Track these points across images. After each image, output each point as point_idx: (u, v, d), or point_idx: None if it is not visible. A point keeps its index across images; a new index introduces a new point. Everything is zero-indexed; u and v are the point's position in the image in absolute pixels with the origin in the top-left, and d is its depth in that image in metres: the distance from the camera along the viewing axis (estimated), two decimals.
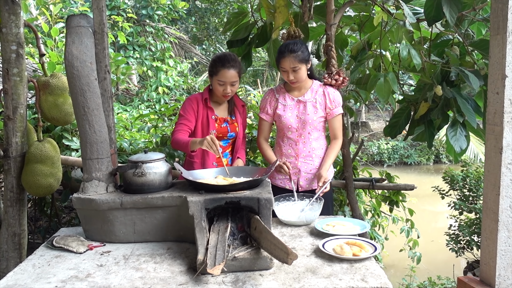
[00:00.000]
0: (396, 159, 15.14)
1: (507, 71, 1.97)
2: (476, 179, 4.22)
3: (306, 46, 2.88)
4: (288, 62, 2.77)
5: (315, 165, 2.94)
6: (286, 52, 2.77)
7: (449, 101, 3.14)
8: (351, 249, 1.99)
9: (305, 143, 2.92)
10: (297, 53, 2.76)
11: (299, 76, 2.81)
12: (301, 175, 2.94)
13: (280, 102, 2.94)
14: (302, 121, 2.89)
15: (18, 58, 2.84)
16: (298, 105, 2.91)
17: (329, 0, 3.08)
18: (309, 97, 2.91)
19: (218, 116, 2.93)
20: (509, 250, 2.06)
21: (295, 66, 2.77)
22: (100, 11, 2.40)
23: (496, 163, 2.05)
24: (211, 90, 2.94)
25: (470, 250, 4.23)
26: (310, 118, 2.87)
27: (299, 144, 2.92)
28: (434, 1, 2.95)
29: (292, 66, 2.77)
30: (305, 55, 2.80)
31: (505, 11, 1.95)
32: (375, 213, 4.46)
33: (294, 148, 2.94)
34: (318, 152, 2.95)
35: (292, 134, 2.93)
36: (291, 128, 2.91)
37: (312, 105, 2.89)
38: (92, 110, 2.21)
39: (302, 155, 2.93)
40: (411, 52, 3.01)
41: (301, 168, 2.94)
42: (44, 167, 2.87)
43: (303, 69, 2.81)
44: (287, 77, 2.82)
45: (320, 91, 2.92)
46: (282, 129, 2.96)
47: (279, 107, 2.93)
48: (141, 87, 10.22)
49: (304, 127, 2.90)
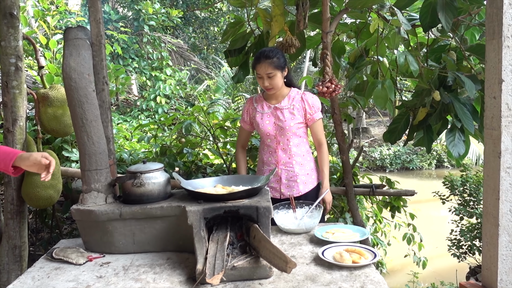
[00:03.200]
0: (398, 165, 15.14)
1: (504, 76, 1.97)
2: (476, 183, 4.22)
3: (283, 54, 2.91)
4: (263, 68, 2.79)
5: (295, 172, 2.93)
6: (261, 58, 2.80)
7: (447, 106, 3.14)
8: (351, 256, 1.98)
9: (285, 150, 2.92)
10: (272, 59, 2.78)
11: (275, 83, 2.82)
12: (282, 182, 2.95)
13: (257, 110, 2.97)
14: (279, 128, 2.89)
15: (17, 71, 2.86)
16: (275, 112, 2.92)
17: (324, 8, 3.09)
18: (286, 103, 2.91)
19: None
20: (510, 254, 2.06)
21: (270, 72, 2.78)
22: (98, 23, 2.42)
23: (495, 168, 2.05)
24: None
25: (472, 255, 4.22)
26: (287, 124, 2.87)
27: (278, 151, 2.94)
28: (430, 7, 2.97)
29: (267, 72, 2.78)
30: (281, 62, 2.81)
31: (500, 16, 1.96)
32: (377, 219, 4.45)
33: (274, 156, 2.96)
34: (298, 159, 2.93)
35: (271, 142, 2.94)
36: (270, 135, 2.92)
37: (289, 111, 2.89)
38: (90, 121, 2.22)
39: (282, 162, 2.93)
40: (408, 58, 3.03)
41: (282, 176, 2.94)
42: None
43: (279, 75, 2.82)
44: (262, 83, 2.84)
45: (298, 98, 2.92)
46: (262, 137, 3.00)
47: (257, 115, 2.96)
48: (140, 96, 10.27)
49: (282, 134, 2.90)
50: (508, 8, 1.93)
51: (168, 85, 9.80)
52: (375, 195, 3.93)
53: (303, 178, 2.96)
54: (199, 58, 14.47)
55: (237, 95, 9.76)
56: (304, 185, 2.96)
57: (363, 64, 3.60)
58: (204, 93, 11.05)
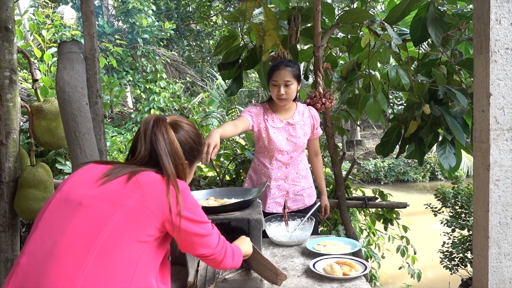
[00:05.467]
0: (392, 177, 15.18)
1: (491, 90, 2.01)
2: (467, 195, 4.25)
3: (300, 67, 2.90)
4: (282, 74, 2.71)
5: (301, 186, 2.94)
6: (281, 65, 2.74)
7: (438, 119, 3.18)
8: (342, 268, 1.99)
9: (294, 165, 2.90)
10: (292, 68, 2.73)
11: (290, 92, 2.74)
12: (289, 197, 2.92)
13: (269, 123, 2.82)
14: (293, 144, 2.84)
15: (11, 84, 2.87)
16: (287, 128, 2.84)
17: (316, 23, 3.14)
18: (298, 119, 2.87)
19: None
20: (500, 266, 2.07)
21: (288, 80, 2.70)
22: (92, 37, 2.45)
23: (484, 180, 2.07)
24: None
25: (464, 267, 4.23)
26: (301, 141, 2.85)
27: (289, 167, 2.88)
28: (420, 22, 3.02)
29: (285, 79, 2.70)
30: (299, 72, 2.79)
31: (487, 31, 2.00)
32: (370, 232, 4.46)
33: (283, 171, 2.88)
34: (303, 173, 2.95)
35: (283, 157, 2.86)
36: (283, 151, 2.84)
37: (301, 127, 2.86)
38: (83, 134, 2.24)
39: (290, 177, 2.90)
40: (399, 72, 3.07)
41: (289, 190, 2.91)
42: (37, 192, 2.87)
43: (295, 86, 2.76)
44: (277, 91, 2.72)
45: (307, 113, 2.91)
46: (271, 151, 2.84)
47: (269, 128, 2.81)
48: (135, 109, 10.29)
49: (295, 150, 2.86)
50: (495, 23, 1.97)
51: (162, 97, 9.83)
52: (368, 207, 3.95)
53: (308, 191, 2.99)
54: (194, 71, 14.53)
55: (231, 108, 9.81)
56: (309, 198, 2.99)
57: (355, 78, 3.64)
58: (198, 105, 11.09)
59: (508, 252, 2.05)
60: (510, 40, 1.97)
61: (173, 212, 1.36)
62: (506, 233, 2.04)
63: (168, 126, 1.50)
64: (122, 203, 1.33)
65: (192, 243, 1.46)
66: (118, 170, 1.41)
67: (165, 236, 1.43)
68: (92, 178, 1.41)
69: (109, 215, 1.31)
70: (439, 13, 2.96)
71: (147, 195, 1.35)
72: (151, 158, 1.47)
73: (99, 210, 1.32)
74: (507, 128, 2.00)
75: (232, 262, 1.61)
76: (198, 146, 1.62)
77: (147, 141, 1.47)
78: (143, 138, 1.48)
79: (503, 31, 1.96)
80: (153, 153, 1.46)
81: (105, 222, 1.30)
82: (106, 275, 1.25)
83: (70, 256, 1.25)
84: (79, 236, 1.28)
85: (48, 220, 1.36)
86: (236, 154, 4.16)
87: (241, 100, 15.13)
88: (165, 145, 1.46)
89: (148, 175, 1.40)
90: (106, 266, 1.26)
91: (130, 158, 1.54)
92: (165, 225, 1.37)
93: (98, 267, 1.25)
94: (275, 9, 3.52)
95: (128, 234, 1.30)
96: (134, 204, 1.33)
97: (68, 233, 1.29)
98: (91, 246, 1.26)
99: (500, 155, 2.01)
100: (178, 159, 1.48)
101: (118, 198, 1.34)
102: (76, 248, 1.27)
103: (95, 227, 1.29)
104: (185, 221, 1.40)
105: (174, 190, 1.38)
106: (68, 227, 1.30)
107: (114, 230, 1.29)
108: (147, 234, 1.33)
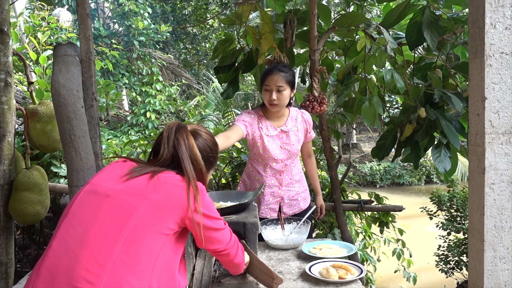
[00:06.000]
0: (388, 180, 15.21)
1: (487, 93, 2.01)
2: (462, 199, 4.26)
3: (294, 73, 2.85)
4: (275, 79, 2.67)
5: (296, 191, 2.94)
6: (274, 70, 2.70)
7: (433, 123, 3.18)
8: (337, 272, 1.99)
9: (288, 171, 2.90)
10: (286, 73, 2.69)
11: (282, 98, 2.70)
12: (284, 202, 2.92)
13: (263, 132, 2.79)
14: (287, 152, 2.82)
15: (6, 86, 2.86)
16: (281, 135, 2.83)
17: (311, 27, 3.14)
18: (291, 126, 2.85)
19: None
20: (495, 270, 2.07)
21: (281, 86, 2.66)
22: (87, 40, 2.44)
23: (479, 184, 2.08)
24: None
25: (460, 270, 4.24)
26: (295, 148, 2.84)
27: (283, 174, 2.88)
28: (415, 26, 3.03)
29: (278, 84, 2.66)
30: (293, 79, 2.76)
31: (482, 35, 2.01)
32: (366, 235, 4.46)
33: (278, 178, 2.88)
34: (297, 177, 2.96)
35: (277, 165, 2.84)
36: (277, 160, 2.82)
37: (294, 134, 2.85)
38: (79, 137, 2.23)
39: (284, 183, 2.90)
40: (394, 75, 3.07)
41: (284, 196, 2.91)
42: (32, 195, 2.86)
43: (287, 92, 2.72)
44: (269, 96, 2.69)
45: (300, 118, 2.90)
46: (265, 159, 2.83)
47: (264, 137, 2.79)
48: (130, 112, 10.27)
49: (289, 158, 2.85)
50: (489, 28, 1.98)
51: (158, 100, 9.82)
52: (364, 210, 3.95)
53: (303, 194, 2.99)
54: (190, 74, 14.54)
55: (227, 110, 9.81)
56: (304, 202, 3.00)
57: (351, 81, 3.64)
58: (194, 108, 11.08)
59: (504, 255, 2.05)
60: (505, 44, 1.98)
61: (192, 208, 1.49)
62: (502, 237, 2.04)
63: (189, 133, 1.64)
64: (147, 197, 1.45)
65: (208, 238, 1.57)
66: (141, 169, 1.55)
67: (182, 232, 1.55)
68: (118, 174, 1.54)
69: (135, 207, 1.43)
70: (435, 17, 2.97)
71: (169, 192, 1.49)
72: (173, 160, 1.59)
73: (126, 203, 1.45)
74: (502, 131, 2.01)
75: (243, 258, 1.76)
76: (215, 154, 1.77)
77: (170, 145, 1.60)
78: (166, 142, 1.61)
79: (498, 35, 1.97)
80: (175, 156, 1.59)
81: (131, 213, 1.42)
82: (132, 261, 1.37)
83: (100, 243, 1.37)
84: (108, 225, 1.41)
85: (77, 210, 1.49)
86: (232, 157, 4.16)
87: (237, 103, 15.14)
88: (186, 150, 1.59)
89: (170, 175, 1.54)
90: (132, 253, 1.38)
91: (152, 158, 1.67)
92: (185, 220, 1.50)
93: (125, 254, 1.37)
94: (272, 12, 3.53)
95: (152, 225, 1.42)
96: (158, 198, 1.46)
97: (98, 222, 1.41)
98: (119, 235, 1.39)
99: (495, 158, 2.02)
100: (197, 164, 1.61)
101: (143, 193, 1.47)
102: (105, 236, 1.39)
103: (123, 217, 1.42)
104: (202, 217, 1.52)
105: (193, 189, 1.51)
106: (98, 216, 1.43)
107: (140, 220, 1.41)
108: (168, 227, 1.45)
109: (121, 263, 1.35)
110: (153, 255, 1.41)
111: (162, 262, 1.44)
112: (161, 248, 1.44)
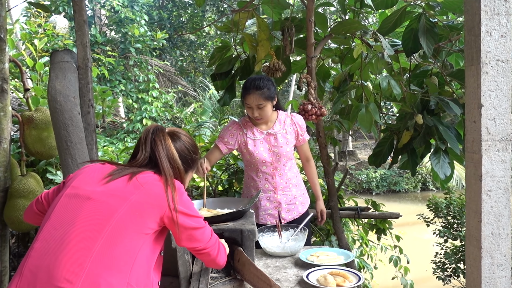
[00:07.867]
0: (384, 187, 15.23)
1: (483, 101, 2.02)
2: (459, 206, 4.26)
3: (273, 83, 2.84)
4: (253, 98, 2.72)
5: (293, 195, 2.94)
6: (251, 88, 2.72)
7: (430, 129, 3.19)
8: (335, 279, 1.98)
9: (281, 175, 2.89)
10: (262, 90, 2.71)
11: (264, 113, 2.77)
12: (282, 207, 2.92)
13: (249, 137, 2.84)
14: (276, 154, 2.84)
15: (2, 93, 2.84)
16: (268, 138, 2.85)
17: (309, 34, 3.15)
18: (279, 128, 2.87)
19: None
20: (493, 277, 2.07)
21: (260, 104, 2.72)
22: (84, 47, 2.44)
23: (476, 190, 2.08)
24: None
25: (457, 277, 4.23)
26: (283, 150, 2.84)
27: (275, 178, 2.88)
28: (411, 33, 3.05)
29: (257, 103, 2.72)
30: (271, 92, 2.76)
31: (478, 43, 2.02)
32: (363, 242, 4.45)
33: (271, 182, 2.88)
34: (294, 181, 2.95)
35: (267, 169, 2.87)
36: (266, 162, 2.84)
37: (282, 136, 2.86)
38: (75, 144, 2.22)
39: (280, 188, 2.89)
40: (390, 82, 3.09)
41: (281, 201, 2.91)
42: (27, 202, 2.83)
43: (269, 106, 2.76)
44: (251, 113, 2.77)
45: (288, 121, 2.91)
46: (255, 164, 2.87)
47: (248, 142, 2.84)
48: (127, 119, 10.26)
49: (278, 160, 2.85)
50: (485, 35, 2.00)
51: (155, 107, 9.81)
52: (361, 217, 3.94)
53: (301, 199, 2.99)
54: (186, 81, 14.55)
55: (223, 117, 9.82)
56: (302, 206, 2.99)
57: (347, 88, 3.65)
58: (190, 115, 11.08)
59: (501, 262, 2.05)
60: (500, 52, 1.99)
61: (171, 207, 1.52)
62: (499, 244, 2.04)
63: (166, 134, 1.68)
64: (126, 198, 1.49)
65: (186, 236, 1.60)
66: (120, 171, 1.58)
67: (161, 231, 1.59)
68: (99, 177, 1.57)
69: (116, 208, 1.47)
70: (431, 24, 2.99)
71: (148, 192, 1.52)
72: (150, 160, 1.64)
73: (106, 204, 1.48)
74: (498, 138, 2.01)
75: (225, 259, 1.79)
76: (193, 155, 1.79)
77: (147, 146, 1.65)
78: (143, 143, 1.66)
79: (493, 43, 1.98)
80: (152, 157, 1.63)
81: (112, 214, 1.46)
82: (110, 261, 1.41)
83: (80, 243, 1.41)
84: (88, 226, 1.44)
85: (59, 212, 1.51)
86: (228, 164, 4.15)
87: (234, 110, 15.15)
88: (162, 150, 1.64)
89: (147, 175, 1.57)
90: (112, 253, 1.41)
91: (131, 160, 1.70)
92: (164, 219, 1.53)
93: (104, 254, 1.40)
94: (268, 19, 3.53)
95: (131, 226, 1.47)
96: (137, 199, 1.50)
97: (78, 223, 1.45)
98: (99, 235, 1.42)
99: (492, 165, 2.02)
100: (174, 163, 1.65)
101: (123, 194, 1.50)
102: (85, 236, 1.42)
103: (103, 218, 1.45)
104: (181, 215, 1.55)
105: (170, 188, 1.55)
106: (78, 217, 1.46)
107: (120, 221, 1.45)
108: (148, 226, 1.50)
109: (100, 262, 1.39)
110: (133, 254, 1.45)
111: (141, 261, 1.48)
112: (141, 247, 1.47)
